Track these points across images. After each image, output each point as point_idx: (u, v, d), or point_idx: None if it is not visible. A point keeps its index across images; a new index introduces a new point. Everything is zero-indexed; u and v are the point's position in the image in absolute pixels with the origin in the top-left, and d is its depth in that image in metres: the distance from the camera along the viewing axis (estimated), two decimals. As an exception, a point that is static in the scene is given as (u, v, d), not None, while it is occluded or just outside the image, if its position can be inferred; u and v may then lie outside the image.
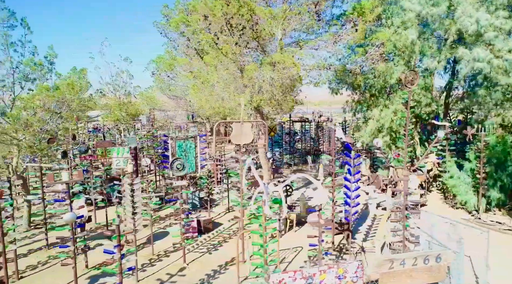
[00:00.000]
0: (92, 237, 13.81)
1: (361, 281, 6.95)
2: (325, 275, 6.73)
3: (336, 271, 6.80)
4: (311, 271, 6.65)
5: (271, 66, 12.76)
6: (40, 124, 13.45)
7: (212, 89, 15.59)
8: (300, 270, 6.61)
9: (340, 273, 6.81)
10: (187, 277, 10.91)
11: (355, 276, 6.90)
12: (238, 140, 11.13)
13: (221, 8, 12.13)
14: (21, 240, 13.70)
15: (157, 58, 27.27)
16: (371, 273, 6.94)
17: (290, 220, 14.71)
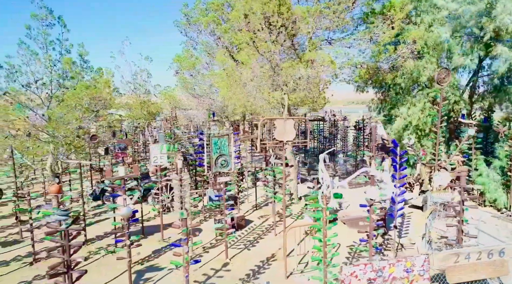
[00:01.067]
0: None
1: (428, 274, 7.02)
2: (394, 268, 6.81)
3: (404, 264, 6.88)
4: (381, 264, 6.74)
5: (310, 64, 12.85)
6: (77, 122, 13.59)
7: (244, 87, 15.70)
8: (371, 263, 6.70)
9: (408, 266, 6.89)
10: (232, 272, 11.02)
11: (422, 269, 6.97)
12: (281, 137, 11.22)
13: (261, 7, 12.21)
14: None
15: (176, 57, 27.48)
16: (437, 266, 7.01)
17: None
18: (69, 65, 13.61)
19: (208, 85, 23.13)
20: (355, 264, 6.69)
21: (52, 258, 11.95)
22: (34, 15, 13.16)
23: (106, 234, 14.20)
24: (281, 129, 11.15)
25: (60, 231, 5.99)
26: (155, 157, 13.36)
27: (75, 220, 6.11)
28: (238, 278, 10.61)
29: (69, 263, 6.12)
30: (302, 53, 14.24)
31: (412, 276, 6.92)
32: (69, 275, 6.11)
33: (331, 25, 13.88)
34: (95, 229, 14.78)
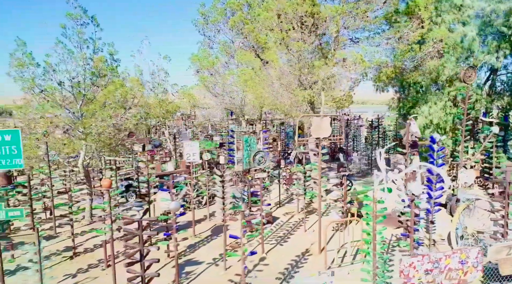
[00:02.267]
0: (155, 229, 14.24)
1: (481, 266, 7.21)
2: (450, 260, 7.01)
3: (459, 256, 7.08)
4: (437, 255, 6.94)
5: (342, 62, 13.06)
6: (111, 120, 13.84)
7: (271, 86, 15.93)
8: (428, 255, 6.90)
9: (463, 258, 7.08)
10: (271, 266, 11.23)
11: (475, 261, 7.16)
12: (317, 134, 11.42)
13: (295, 8, 12.41)
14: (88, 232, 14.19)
15: (194, 56, 27.72)
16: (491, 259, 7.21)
17: (351, 213, 14.99)
18: (102, 63, 13.85)
19: (227, 84, 23.38)
20: (413, 256, 6.89)
21: (89, 252, 12.39)
22: (69, 15, 13.41)
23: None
24: (318, 126, 11.35)
25: (136, 221, 6.22)
26: (188, 154, 13.57)
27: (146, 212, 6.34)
28: (277, 271, 10.83)
29: (143, 252, 6.36)
30: (333, 52, 14.44)
31: (466, 267, 7.11)
32: (142, 264, 6.35)
33: (359, 24, 14.07)
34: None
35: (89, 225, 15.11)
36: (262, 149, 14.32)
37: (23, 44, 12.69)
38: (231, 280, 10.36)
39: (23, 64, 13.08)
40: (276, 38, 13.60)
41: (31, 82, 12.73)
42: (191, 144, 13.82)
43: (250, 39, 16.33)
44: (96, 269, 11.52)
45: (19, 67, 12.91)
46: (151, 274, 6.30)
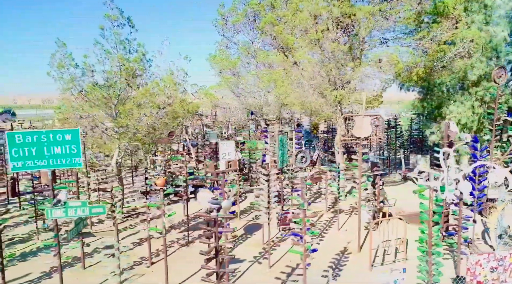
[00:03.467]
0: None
1: (542, 264, 7.31)
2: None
3: (523, 254, 7.18)
4: (502, 253, 7.04)
5: (378, 62, 13.17)
6: (148, 119, 14.02)
7: (301, 86, 16.05)
8: (493, 253, 7.01)
9: (526, 256, 7.19)
10: (313, 265, 11.21)
11: (537, 259, 7.27)
12: (359, 133, 11.54)
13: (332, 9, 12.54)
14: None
15: (211, 57, 27.88)
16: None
17: (383, 213, 15.09)
18: (138, 63, 14.03)
19: (249, 84, 23.53)
20: (479, 254, 6.99)
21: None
22: (107, 16, 13.59)
23: (174, 227, 14.60)
24: (359, 126, 11.47)
25: (213, 219, 6.35)
26: (224, 153, 13.71)
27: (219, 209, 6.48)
28: (322, 269, 10.95)
29: (219, 248, 6.50)
30: (362, 52, 14.55)
31: (528, 265, 7.22)
32: (218, 260, 6.50)
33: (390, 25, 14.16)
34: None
35: (121, 224, 15.28)
36: (295, 148, 14.45)
37: (63, 45, 12.88)
38: (278, 278, 10.50)
39: (63, 65, 13.28)
40: (311, 39, 13.70)
41: (72, 82, 12.92)
42: (227, 143, 13.96)
43: (279, 40, 16.43)
44: (140, 266, 11.70)
45: (60, 68, 13.10)
46: (227, 270, 6.45)
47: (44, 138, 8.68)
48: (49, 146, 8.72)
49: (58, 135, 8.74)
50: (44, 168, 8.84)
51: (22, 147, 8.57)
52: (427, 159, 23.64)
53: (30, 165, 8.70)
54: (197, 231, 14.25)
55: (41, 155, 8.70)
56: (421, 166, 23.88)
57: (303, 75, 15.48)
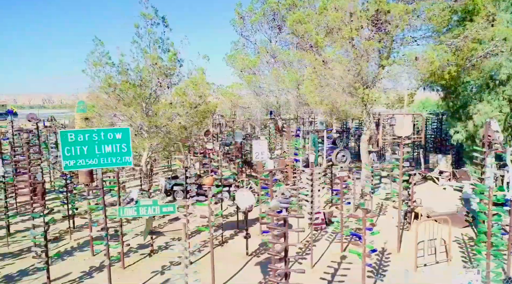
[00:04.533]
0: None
1: None
2: None
3: None
4: None
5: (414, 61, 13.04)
6: (182, 119, 13.97)
7: (329, 85, 15.93)
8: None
9: None
10: (355, 264, 11.22)
11: None
12: (400, 132, 11.43)
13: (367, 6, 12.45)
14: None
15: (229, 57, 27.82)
16: None
17: (415, 213, 14.96)
18: (172, 62, 13.98)
19: (269, 83, 23.43)
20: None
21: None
22: (143, 14, 13.56)
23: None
24: (400, 124, 11.36)
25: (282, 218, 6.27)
26: (257, 153, 13.63)
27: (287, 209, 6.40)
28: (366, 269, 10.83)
29: (287, 248, 6.42)
30: (393, 50, 14.42)
31: None
32: (286, 260, 6.42)
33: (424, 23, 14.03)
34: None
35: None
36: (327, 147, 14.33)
37: (101, 44, 12.85)
38: (323, 278, 10.40)
39: (100, 64, 13.26)
40: (344, 37, 13.58)
41: (109, 80, 12.88)
42: (260, 143, 13.87)
43: (308, 38, 16.31)
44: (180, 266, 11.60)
45: (96, 66, 13.08)
46: (297, 270, 6.36)
47: (95, 137, 8.63)
48: (100, 144, 8.67)
49: (109, 134, 8.68)
50: (95, 167, 8.78)
51: (74, 145, 8.52)
52: (448, 158, 23.45)
53: (82, 164, 8.65)
54: (227, 231, 14.21)
55: (92, 154, 8.66)
56: (442, 166, 23.74)
57: (332, 74, 15.36)
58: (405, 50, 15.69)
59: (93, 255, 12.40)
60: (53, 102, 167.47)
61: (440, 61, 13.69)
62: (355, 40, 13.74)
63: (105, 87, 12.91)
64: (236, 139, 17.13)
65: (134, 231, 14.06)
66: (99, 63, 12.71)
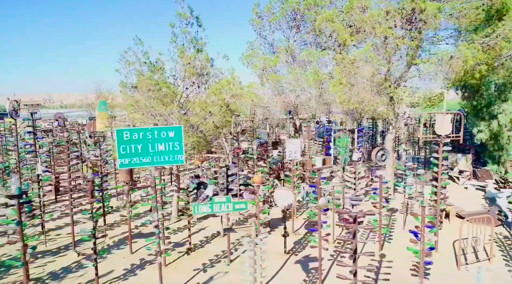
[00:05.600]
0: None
1: None
2: None
3: None
4: None
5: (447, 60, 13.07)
6: (216, 118, 14.04)
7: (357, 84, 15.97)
8: None
9: None
10: (395, 263, 11.27)
11: None
12: (440, 131, 11.46)
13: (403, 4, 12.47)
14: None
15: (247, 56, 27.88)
16: None
17: (446, 212, 14.98)
18: (206, 62, 14.06)
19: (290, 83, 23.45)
20: None
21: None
22: (179, 14, 13.63)
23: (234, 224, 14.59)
24: (441, 123, 11.40)
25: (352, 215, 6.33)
26: (290, 152, 13.69)
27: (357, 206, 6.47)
28: (408, 267, 10.86)
29: (356, 246, 6.49)
30: (435, 50, 14.50)
31: None
32: (357, 257, 6.48)
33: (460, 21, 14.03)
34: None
35: (177, 223, 15.20)
36: (358, 146, 14.35)
37: (140, 43, 12.95)
38: (367, 276, 10.43)
39: (131, 63, 13.36)
40: (379, 35, 13.61)
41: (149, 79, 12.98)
42: (293, 142, 13.94)
43: (336, 37, 16.35)
44: (220, 264, 11.69)
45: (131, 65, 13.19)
46: (368, 267, 6.42)
47: (149, 135, 8.72)
48: (153, 143, 8.77)
49: (162, 133, 8.78)
50: (148, 165, 8.87)
51: (129, 144, 8.62)
52: (467, 158, 23.42)
53: (136, 162, 8.75)
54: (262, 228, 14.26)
55: (146, 152, 8.76)
56: (461, 165, 23.72)
57: (361, 73, 15.41)
58: (435, 49, 15.73)
59: (132, 253, 12.52)
60: (53, 102, 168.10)
61: (473, 60, 13.69)
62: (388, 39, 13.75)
63: (144, 86, 12.98)
64: (262, 139, 17.19)
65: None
66: (140, 63, 12.80)
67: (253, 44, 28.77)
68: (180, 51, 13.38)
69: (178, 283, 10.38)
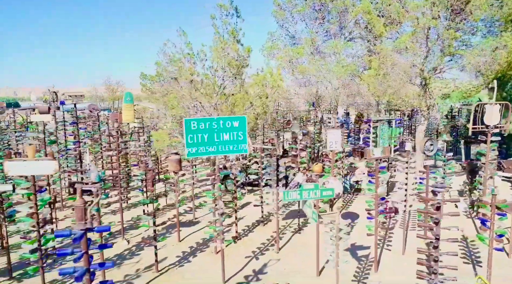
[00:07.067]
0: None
1: None
2: None
3: None
4: None
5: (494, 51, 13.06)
6: (257, 109, 14.17)
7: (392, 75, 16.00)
8: None
9: None
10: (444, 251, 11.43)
11: None
12: (489, 121, 11.52)
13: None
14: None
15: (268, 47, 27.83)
16: None
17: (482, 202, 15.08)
18: (249, 53, 14.14)
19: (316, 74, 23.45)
20: None
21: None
22: (220, 5, 13.69)
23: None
24: (490, 114, 11.46)
25: (436, 201, 6.45)
26: (331, 142, 13.79)
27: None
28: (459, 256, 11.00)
29: (439, 233, 6.65)
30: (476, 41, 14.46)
31: None
32: (437, 245, 6.65)
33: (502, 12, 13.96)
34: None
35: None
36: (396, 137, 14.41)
37: (184, 34, 13.04)
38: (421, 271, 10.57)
39: (183, 55, 13.48)
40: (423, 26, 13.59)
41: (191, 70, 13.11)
42: (334, 132, 14.03)
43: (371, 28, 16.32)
44: (269, 252, 11.91)
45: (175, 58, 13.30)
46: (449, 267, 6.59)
47: (215, 125, 8.87)
48: (219, 132, 8.92)
49: (227, 122, 8.92)
50: (214, 154, 9.04)
51: (196, 133, 8.78)
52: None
53: (202, 151, 8.91)
54: (288, 219, 14.47)
55: (212, 141, 8.91)
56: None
57: (399, 64, 15.42)
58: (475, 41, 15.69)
59: (179, 241, 12.78)
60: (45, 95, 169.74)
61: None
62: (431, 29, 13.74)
63: (185, 77, 13.12)
64: (295, 130, 17.32)
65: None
66: (183, 54, 12.91)
67: (273, 35, 28.76)
68: (222, 43, 13.45)
69: (234, 269, 10.62)
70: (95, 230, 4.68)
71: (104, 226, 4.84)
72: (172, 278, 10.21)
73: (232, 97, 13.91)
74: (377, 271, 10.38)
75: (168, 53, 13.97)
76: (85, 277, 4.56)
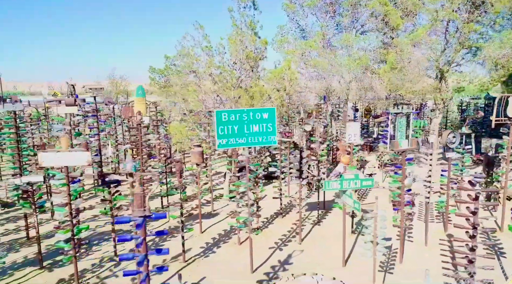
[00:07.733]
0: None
1: None
2: None
3: None
4: None
5: None
6: (276, 102, 14.21)
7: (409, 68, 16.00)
8: None
9: None
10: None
11: None
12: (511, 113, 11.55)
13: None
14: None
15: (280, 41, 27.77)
16: None
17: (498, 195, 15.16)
18: (266, 45, 14.13)
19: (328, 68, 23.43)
20: None
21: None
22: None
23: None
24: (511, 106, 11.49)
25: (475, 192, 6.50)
26: (350, 135, 13.85)
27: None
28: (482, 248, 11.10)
29: (477, 223, 6.73)
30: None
31: None
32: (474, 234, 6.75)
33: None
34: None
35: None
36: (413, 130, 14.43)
37: (201, 27, 13.05)
38: (444, 255, 10.70)
39: (189, 56, 13.50)
40: (443, 18, 13.58)
41: (210, 63, 13.12)
42: (353, 125, 14.08)
43: (389, 20, 16.28)
44: (292, 243, 12.03)
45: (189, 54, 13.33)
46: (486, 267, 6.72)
47: (245, 116, 8.93)
48: (248, 124, 8.99)
49: (257, 114, 8.99)
50: (243, 145, 9.11)
51: (226, 125, 8.84)
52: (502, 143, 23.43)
53: (232, 142, 8.99)
54: (307, 211, 14.55)
55: (242, 133, 8.98)
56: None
57: (416, 58, 15.42)
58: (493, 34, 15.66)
59: (201, 232, 12.91)
60: (53, 88, 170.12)
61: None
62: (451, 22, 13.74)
63: (205, 71, 13.14)
64: (305, 128, 17.34)
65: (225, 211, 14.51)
66: (186, 53, 12.91)
67: (283, 29, 28.69)
68: (239, 35, 13.45)
69: (259, 260, 10.73)
70: (153, 217, 4.78)
71: (160, 213, 4.94)
72: (200, 268, 10.34)
73: (250, 90, 13.94)
74: (401, 262, 10.49)
75: (186, 47, 13.95)
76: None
